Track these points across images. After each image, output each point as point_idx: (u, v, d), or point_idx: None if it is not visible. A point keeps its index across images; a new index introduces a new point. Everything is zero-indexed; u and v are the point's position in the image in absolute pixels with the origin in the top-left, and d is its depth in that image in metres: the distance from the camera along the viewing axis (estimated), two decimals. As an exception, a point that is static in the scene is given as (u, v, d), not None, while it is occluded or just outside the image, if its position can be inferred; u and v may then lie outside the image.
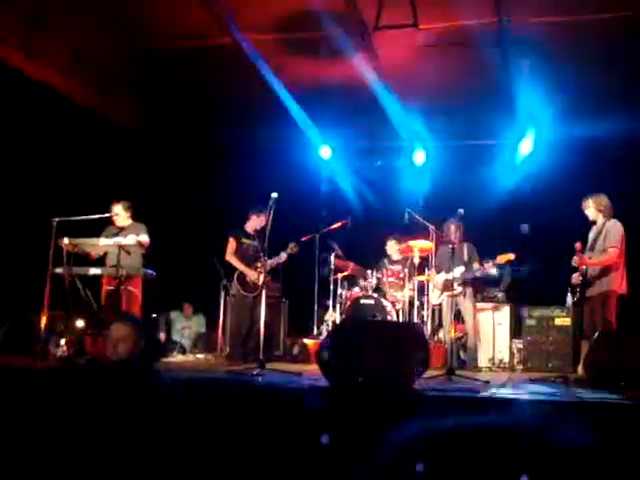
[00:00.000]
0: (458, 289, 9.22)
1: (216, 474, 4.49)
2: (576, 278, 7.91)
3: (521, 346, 9.69)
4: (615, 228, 7.78)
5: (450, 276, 8.93)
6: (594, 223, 8.06)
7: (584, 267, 7.77)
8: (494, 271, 9.26)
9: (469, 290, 9.40)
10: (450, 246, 8.91)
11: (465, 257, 9.36)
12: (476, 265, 9.23)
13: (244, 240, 9.52)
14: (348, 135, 12.15)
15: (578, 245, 7.75)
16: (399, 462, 4.17)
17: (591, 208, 8.02)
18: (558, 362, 9.08)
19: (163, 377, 6.04)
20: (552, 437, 4.10)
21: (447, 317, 9.34)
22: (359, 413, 4.69)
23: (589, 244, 7.95)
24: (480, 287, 9.93)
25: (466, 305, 9.39)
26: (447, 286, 9.24)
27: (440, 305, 9.75)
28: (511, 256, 8.93)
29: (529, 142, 11.10)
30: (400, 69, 10.08)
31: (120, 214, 8.82)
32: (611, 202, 7.99)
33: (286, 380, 6.53)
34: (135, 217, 9.00)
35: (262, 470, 4.40)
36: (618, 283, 7.68)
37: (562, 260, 8.59)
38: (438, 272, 9.59)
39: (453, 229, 9.29)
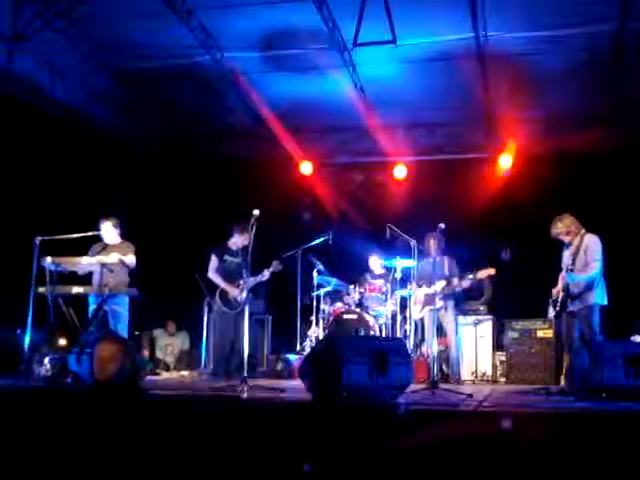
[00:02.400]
0: (439, 303, 9.27)
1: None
2: (556, 292, 7.97)
3: (504, 359, 9.76)
4: (595, 242, 7.82)
5: (431, 290, 8.98)
6: (568, 242, 8.12)
7: (566, 282, 7.82)
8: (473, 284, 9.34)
9: (450, 303, 9.43)
10: (431, 260, 8.98)
11: (446, 271, 9.41)
12: (456, 280, 9.27)
13: (226, 257, 9.52)
14: (329, 151, 12.23)
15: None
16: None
17: (561, 233, 8.05)
18: (541, 374, 9.15)
19: (149, 396, 6.04)
20: (534, 448, 4.15)
21: (429, 331, 9.39)
22: (343, 428, 4.71)
23: (569, 261, 7.95)
24: (461, 300, 9.98)
25: (448, 319, 9.42)
26: (428, 300, 9.29)
27: (422, 319, 9.79)
28: (492, 271, 9.01)
29: (509, 156, 11.24)
30: (380, 84, 10.14)
31: (109, 230, 8.75)
32: (575, 217, 8.05)
33: (270, 396, 6.54)
34: (124, 236, 8.95)
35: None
36: (600, 295, 7.77)
37: (543, 271, 8.69)
38: (419, 286, 9.63)
39: (432, 243, 9.34)
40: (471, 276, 9.13)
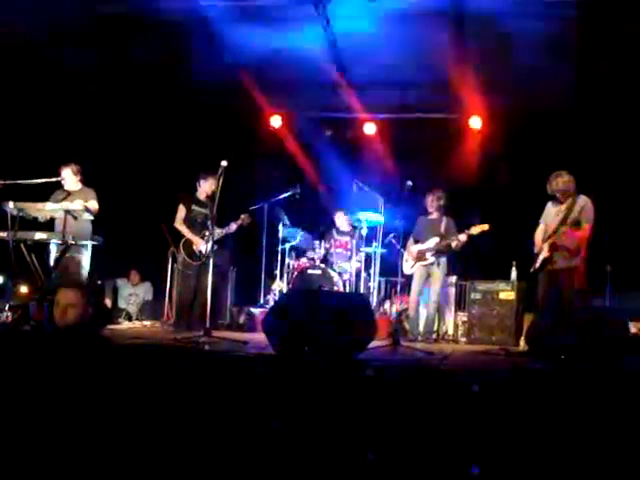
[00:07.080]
0: (431, 259, 9.32)
1: (161, 441, 4.51)
2: (539, 247, 7.99)
3: (465, 319, 9.83)
4: (589, 205, 7.79)
5: (424, 247, 9.08)
6: (555, 197, 8.09)
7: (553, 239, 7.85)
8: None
9: (443, 260, 9.46)
10: (429, 218, 9.07)
11: (442, 229, 9.42)
12: (452, 237, 9.25)
13: (194, 207, 9.47)
14: (300, 105, 12.14)
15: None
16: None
17: (561, 189, 7.96)
18: (501, 335, 9.23)
19: (111, 344, 6.02)
20: (489, 407, 4.19)
21: (415, 287, 9.48)
22: (305, 382, 4.73)
23: (559, 218, 7.88)
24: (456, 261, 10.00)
25: (436, 275, 9.45)
26: (420, 256, 9.37)
27: (412, 275, 9.76)
28: (485, 227, 9.00)
29: (479, 118, 11.29)
30: (354, 40, 10.03)
31: (69, 177, 8.62)
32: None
33: (232, 348, 6.55)
34: (85, 182, 8.83)
35: (207, 436, 4.42)
36: (584, 258, 7.80)
37: (509, 234, 8.73)
38: (416, 242, 9.60)
39: (432, 200, 9.42)
40: (464, 233, 9.14)
